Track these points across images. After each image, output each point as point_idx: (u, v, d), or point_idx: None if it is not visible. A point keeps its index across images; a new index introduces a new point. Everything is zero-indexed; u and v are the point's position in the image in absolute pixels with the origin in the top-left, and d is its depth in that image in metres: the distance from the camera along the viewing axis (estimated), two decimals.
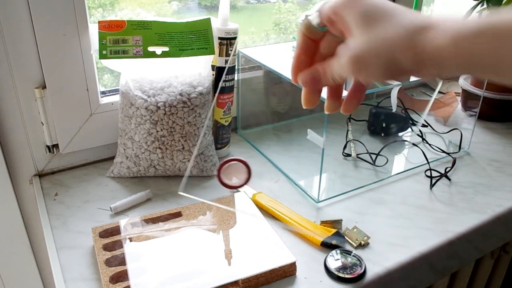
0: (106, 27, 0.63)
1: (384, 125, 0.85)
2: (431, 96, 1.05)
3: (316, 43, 0.39)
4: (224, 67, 0.71)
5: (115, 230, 0.56)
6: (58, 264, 0.54)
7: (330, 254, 0.55)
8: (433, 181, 0.71)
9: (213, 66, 0.72)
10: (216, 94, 0.72)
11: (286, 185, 0.70)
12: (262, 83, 0.87)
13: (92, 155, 0.75)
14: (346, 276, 0.52)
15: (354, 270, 0.52)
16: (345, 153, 0.79)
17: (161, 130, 0.65)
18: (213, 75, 0.72)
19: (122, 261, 0.51)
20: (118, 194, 0.67)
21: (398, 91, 0.83)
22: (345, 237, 0.58)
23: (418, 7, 1.01)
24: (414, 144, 0.82)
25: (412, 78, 0.75)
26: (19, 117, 0.66)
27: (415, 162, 0.77)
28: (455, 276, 0.76)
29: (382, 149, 0.79)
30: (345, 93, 0.40)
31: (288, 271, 0.52)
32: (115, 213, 0.62)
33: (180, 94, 0.65)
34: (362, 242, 0.57)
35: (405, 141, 0.85)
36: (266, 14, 1.00)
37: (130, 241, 0.54)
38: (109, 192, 0.67)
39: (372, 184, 0.71)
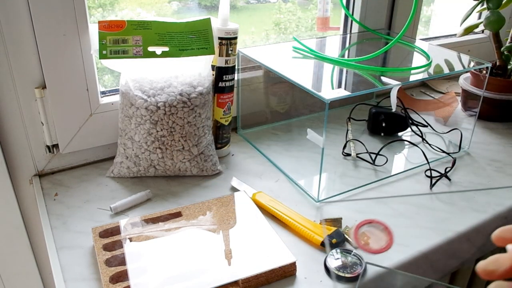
0: (106, 27, 0.63)
1: (383, 124, 0.85)
2: (431, 96, 1.05)
3: None
4: (223, 67, 0.71)
5: (115, 230, 0.56)
6: (58, 264, 0.54)
7: (330, 253, 0.55)
8: (433, 181, 0.71)
9: (213, 66, 0.72)
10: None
11: (286, 185, 0.70)
12: (262, 83, 0.87)
13: (92, 155, 0.75)
14: (346, 275, 0.52)
15: (354, 269, 0.52)
16: (345, 153, 0.79)
17: (161, 130, 0.65)
18: (213, 75, 0.72)
19: (122, 261, 0.51)
20: (118, 194, 0.67)
21: (398, 90, 0.83)
22: (345, 235, 0.58)
23: (417, 7, 1.01)
24: (414, 144, 0.82)
25: (413, 78, 0.75)
26: (19, 117, 0.66)
27: (415, 162, 0.77)
28: (455, 275, 0.76)
29: (381, 148, 0.79)
30: None
31: (288, 271, 0.52)
32: (115, 213, 0.62)
33: (180, 94, 0.65)
34: (362, 242, 0.57)
35: (405, 140, 0.85)
36: (266, 14, 1.00)
37: (130, 241, 0.54)
38: (109, 192, 0.67)
39: (372, 183, 0.71)
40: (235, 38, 0.70)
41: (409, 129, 0.87)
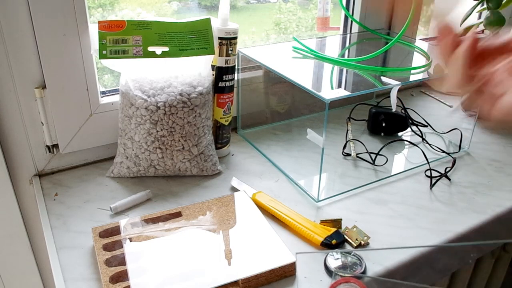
0: (106, 27, 0.63)
1: (383, 124, 0.85)
2: (431, 96, 1.05)
3: None
4: (223, 67, 0.71)
5: (115, 230, 0.56)
6: (58, 264, 0.54)
7: (330, 253, 0.55)
8: (433, 181, 0.71)
9: (213, 66, 0.72)
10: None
11: (286, 185, 0.70)
12: (262, 83, 0.87)
13: (92, 155, 0.75)
14: (346, 275, 0.52)
15: (354, 269, 0.52)
16: (345, 153, 0.79)
17: (161, 130, 0.65)
18: (213, 75, 0.72)
19: (122, 261, 0.51)
20: (118, 194, 0.67)
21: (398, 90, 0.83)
22: (345, 236, 0.58)
23: (417, 7, 1.01)
24: (414, 144, 0.82)
25: (413, 78, 0.75)
26: (19, 117, 0.66)
27: (415, 162, 0.77)
28: (455, 275, 0.76)
29: (381, 148, 0.79)
30: None
31: (288, 271, 0.52)
32: (115, 213, 0.62)
33: (180, 94, 0.65)
34: (362, 242, 0.57)
35: (405, 140, 0.85)
36: (267, 14, 1.00)
37: (130, 241, 0.54)
38: (109, 192, 0.67)
39: (372, 183, 0.71)
40: (235, 38, 0.70)
41: (409, 129, 0.87)
